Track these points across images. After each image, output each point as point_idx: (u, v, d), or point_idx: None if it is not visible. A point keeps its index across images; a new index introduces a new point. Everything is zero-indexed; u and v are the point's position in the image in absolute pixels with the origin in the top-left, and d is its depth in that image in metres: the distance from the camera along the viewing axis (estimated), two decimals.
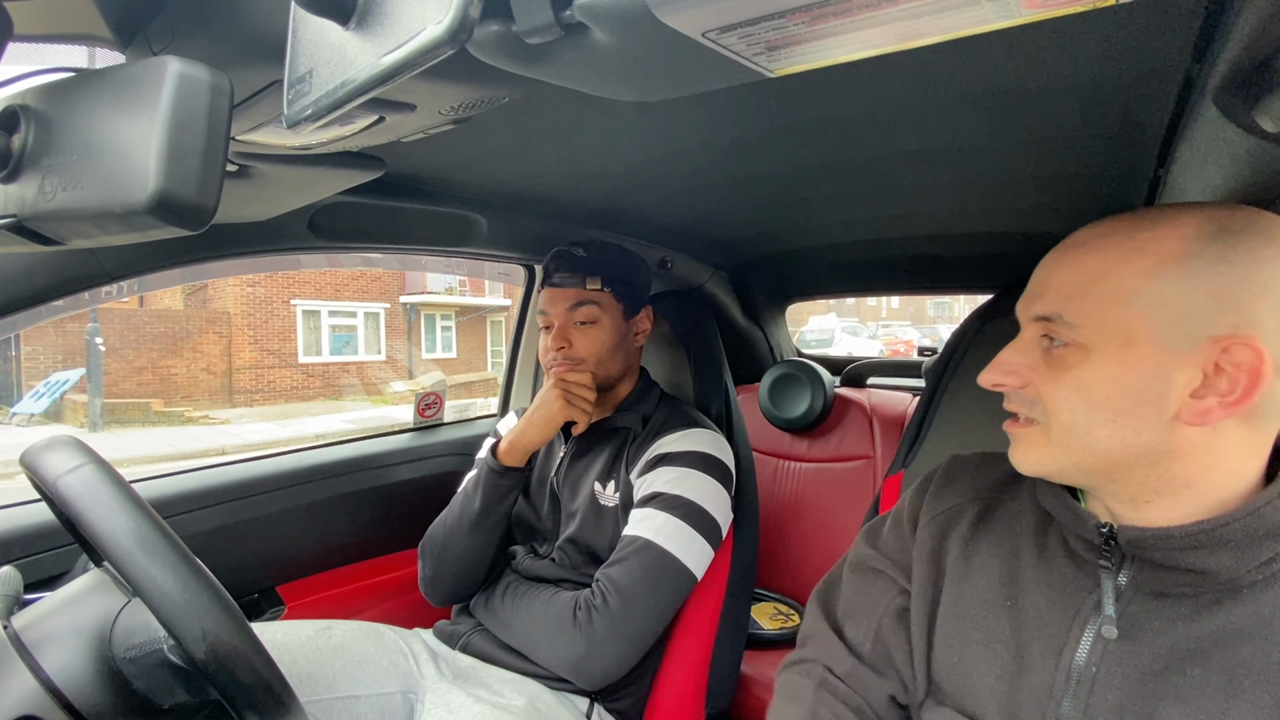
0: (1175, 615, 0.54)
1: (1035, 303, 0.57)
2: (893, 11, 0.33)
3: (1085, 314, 0.52)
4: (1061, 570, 0.60)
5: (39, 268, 0.83)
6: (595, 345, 1.12)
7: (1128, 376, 0.51)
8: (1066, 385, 0.54)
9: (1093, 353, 0.52)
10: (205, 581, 0.55)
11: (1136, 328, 0.50)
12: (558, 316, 1.12)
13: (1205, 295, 0.49)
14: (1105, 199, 1.07)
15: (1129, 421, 0.52)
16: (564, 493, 1.14)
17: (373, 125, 0.56)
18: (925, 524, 0.71)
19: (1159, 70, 0.62)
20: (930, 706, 0.66)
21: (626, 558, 0.99)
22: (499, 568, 1.15)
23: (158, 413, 10.09)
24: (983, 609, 0.63)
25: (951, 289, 1.90)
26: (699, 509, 1.02)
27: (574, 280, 1.10)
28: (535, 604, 1.04)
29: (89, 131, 0.39)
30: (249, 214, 0.92)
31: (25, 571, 0.71)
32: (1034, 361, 0.57)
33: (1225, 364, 0.49)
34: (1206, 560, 0.52)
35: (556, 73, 0.43)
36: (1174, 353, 0.50)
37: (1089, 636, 0.56)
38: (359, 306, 12.97)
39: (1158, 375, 0.50)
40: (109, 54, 0.56)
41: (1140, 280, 0.50)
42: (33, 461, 0.61)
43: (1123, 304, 0.51)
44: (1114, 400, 0.52)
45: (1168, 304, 0.50)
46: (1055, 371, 0.55)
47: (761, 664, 1.44)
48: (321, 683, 0.96)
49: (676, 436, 1.08)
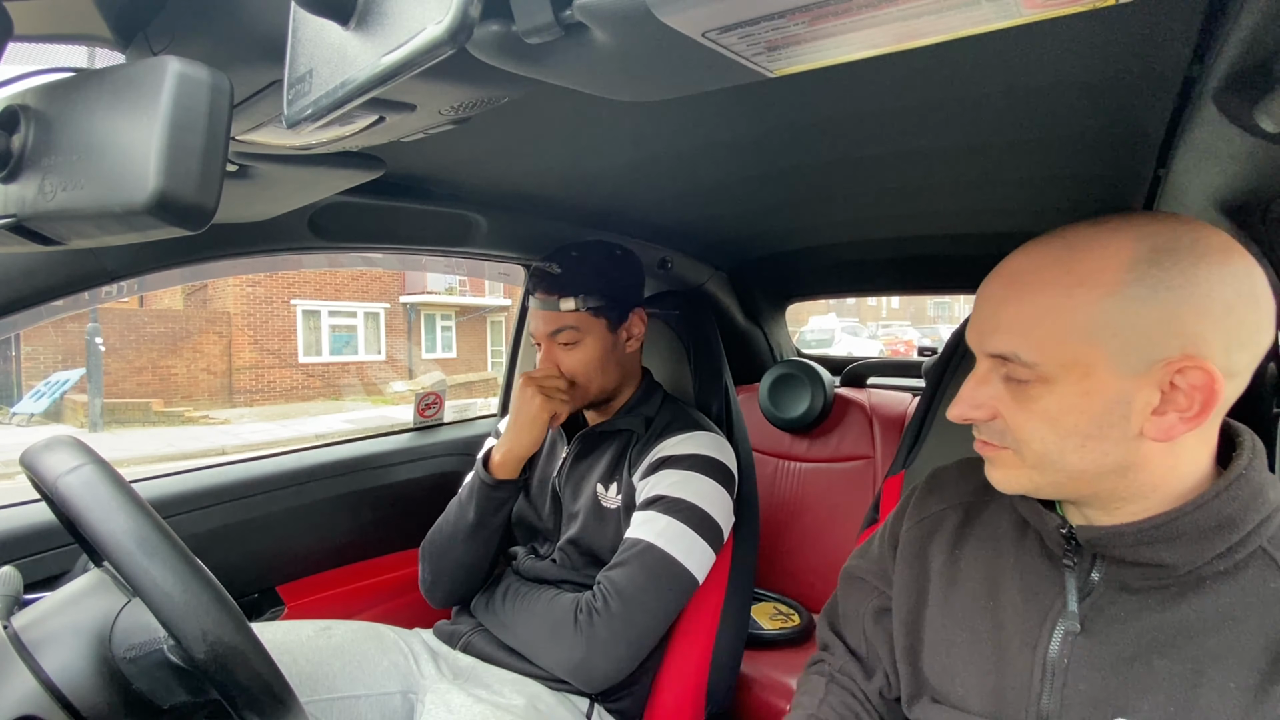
0: (1141, 607, 0.56)
1: (987, 340, 0.57)
2: (893, 11, 0.33)
3: (1041, 351, 0.53)
4: (1037, 569, 0.63)
5: (39, 268, 0.83)
6: (581, 364, 1.11)
7: (1091, 404, 0.53)
8: (1034, 416, 0.55)
9: (1054, 385, 0.54)
10: (205, 581, 0.55)
11: (1092, 359, 0.52)
12: (541, 337, 1.11)
13: (1151, 322, 0.50)
14: (1105, 199, 1.07)
15: (1097, 445, 0.53)
16: (566, 494, 1.14)
17: (373, 125, 0.56)
18: (907, 530, 0.74)
19: (1159, 70, 0.62)
20: (924, 704, 0.68)
21: (628, 561, 0.98)
22: (499, 569, 1.15)
23: (157, 413, 10.10)
24: (968, 611, 0.66)
25: (951, 289, 1.90)
26: (701, 512, 1.01)
27: (550, 302, 1.08)
28: (536, 606, 1.04)
29: (89, 131, 0.39)
30: (249, 214, 0.92)
31: (25, 571, 0.71)
32: (998, 393, 0.58)
33: (1180, 383, 0.51)
34: (1163, 554, 0.54)
35: (556, 73, 0.43)
36: (1130, 377, 0.51)
37: (1060, 631, 0.59)
38: (359, 306, 12.97)
39: (1119, 400, 0.52)
40: (109, 54, 0.56)
41: (1088, 313, 0.51)
42: (33, 461, 0.61)
43: (1076, 338, 0.52)
44: (1081, 426, 0.53)
45: (1118, 334, 0.51)
46: (1021, 403, 0.56)
47: (761, 664, 1.44)
48: (321, 683, 0.96)
49: (679, 439, 1.08)
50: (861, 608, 0.79)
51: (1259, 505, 0.53)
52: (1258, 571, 0.53)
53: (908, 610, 0.71)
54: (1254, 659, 0.50)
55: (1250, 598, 0.52)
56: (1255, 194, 0.69)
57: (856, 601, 0.80)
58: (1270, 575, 0.52)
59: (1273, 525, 0.53)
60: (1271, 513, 0.53)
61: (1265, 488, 0.54)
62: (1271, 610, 0.51)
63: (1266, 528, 0.53)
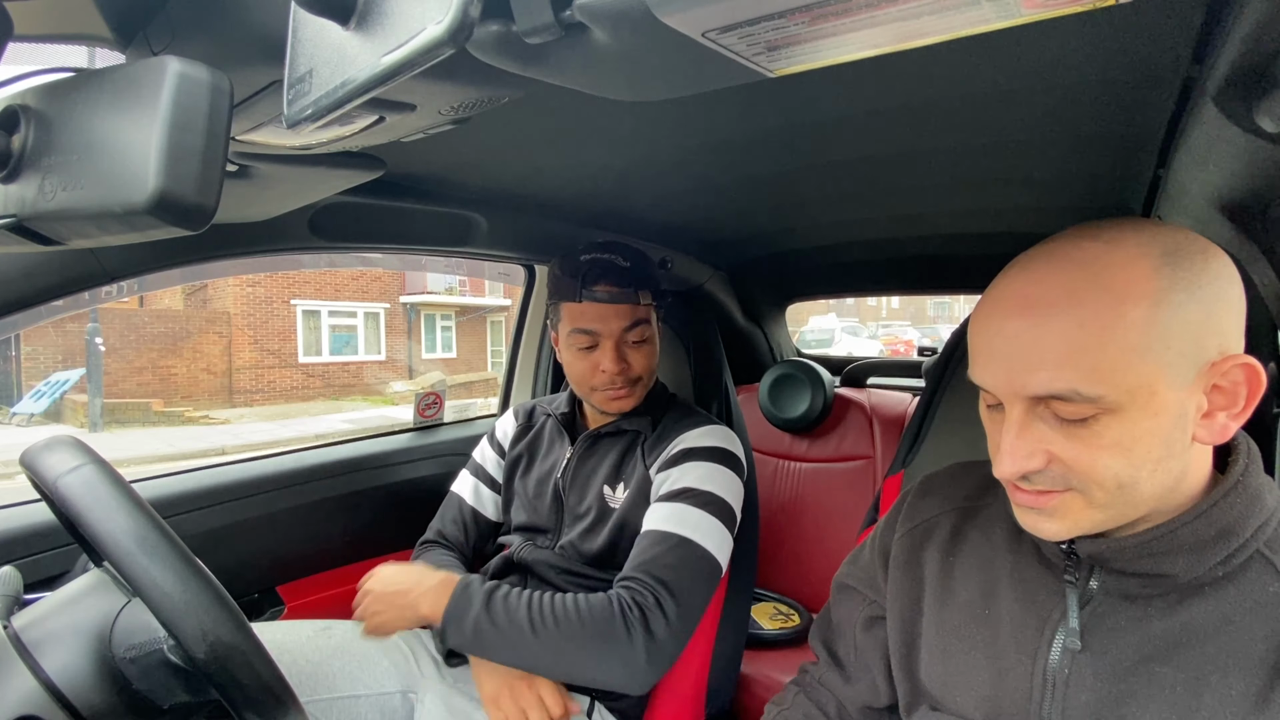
0: (1141, 615, 0.55)
1: (1028, 382, 0.51)
2: (893, 11, 0.33)
3: (1104, 380, 0.49)
4: (1035, 577, 0.62)
5: (39, 268, 0.83)
6: (651, 362, 1.08)
7: (1161, 425, 0.50)
8: (1104, 451, 0.51)
9: (1122, 413, 0.49)
10: (205, 581, 0.55)
11: (1154, 376, 0.49)
12: (610, 335, 1.04)
13: (1195, 325, 0.49)
14: (1105, 199, 1.07)
15: (1167, 464, 0.51)
16: (570, 495, 1.13)
17: (373, 125, 0.56)
18: (899, 538, 0.73)
19: (1159, 71, 0.62)
20: (922, 712, 0.68)
21: (669, 555, 0.94)
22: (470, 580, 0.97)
23: (157, 413, 10.10)
24: (965, 619, 0.65)
25: (951, 289, 1.90)
26: (726, 504, 1.02)
27: (626, 295, 1.03)
28: (566, 614, 0.90)
29: (89, 131, 0.39)
30: (249, 214, 0.92)
31: (25, 571, 0.71)
32: (1048, 436, 0.52)
33: (1222, 382, 0.50)
34: (1164, 565, 0.53)
35: (556, 73, 0.43)
36: (1187, 388, 0.50)
37: (1059, 641, 0.58)
38: (359, 306, 12.97)
39: (1181, 413, 0.50)
40: (109, 54, 0.56)
41: (1142, 329, 0.49)
42: (33, 461, 0.61)
43: (1136, 358, 0.49)
44: (1154, 450, 0.51)
45: (1171, 345, 0.49)
46: (1083, 442, 0.51)
47: (761, 664, 1.44)
48: (321, 683, 0.96)
49: (699, 432, 1.07)
50: (853, 617, 0.79)
51: (1257, 511, 0.53)
52: (1256, 575, 0.52)
53: (902, 618, 0.70)
54: (1256, 664, 0.50)
55: (1249, 602, 0.52)
56: (1255, 194, 0.69)
57: (848, 611, 0.80)
58: (1269, 579, 0.52)
59: (1269, 529, 0.53)
60: (1268, 517, 0.53)
61: (1262, 492, 0.54)
62: (1271, 614, 0.51)
63: (1263, 532, 0.53)
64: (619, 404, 1.09)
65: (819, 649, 0.82)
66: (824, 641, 0.82)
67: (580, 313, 1.05)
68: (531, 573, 1.12)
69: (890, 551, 0.74)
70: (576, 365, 1.08)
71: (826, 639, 0.82)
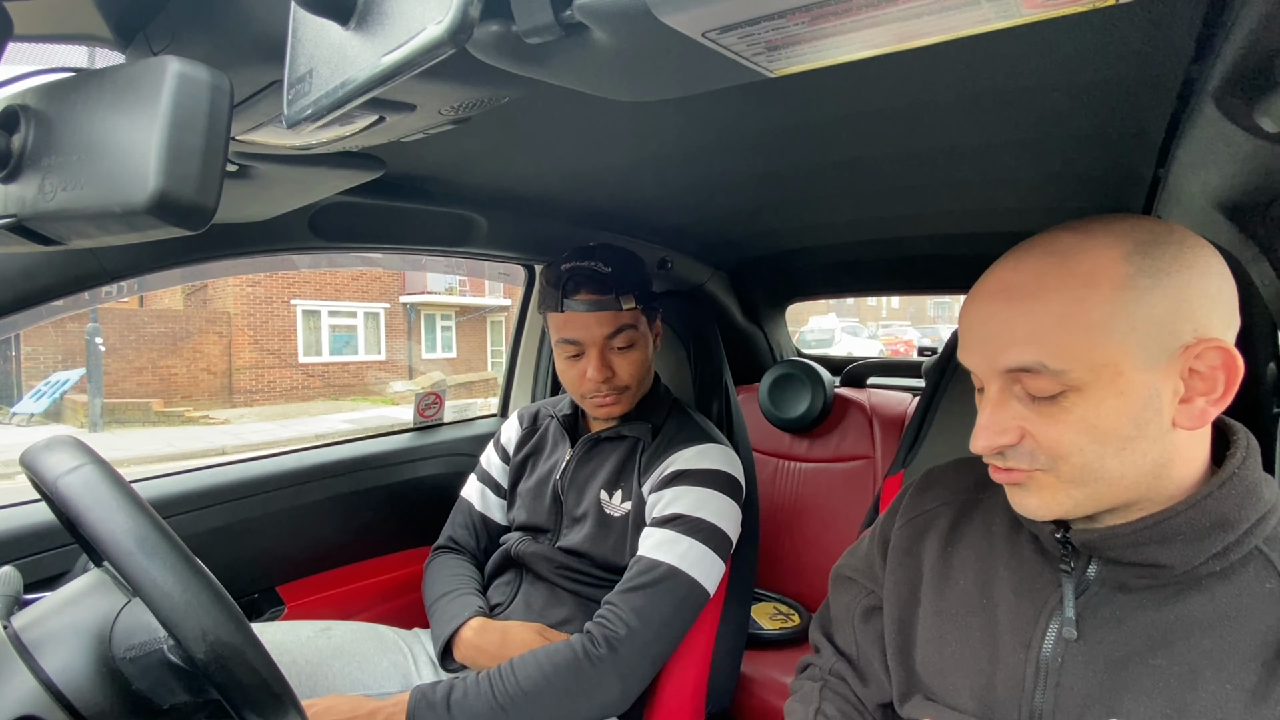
0: (1137, 607, 0.56)
1: (1001, 356, 0.55)
2: (893, 11, 0.33)
3: (1069, 356, 0.52)
4: (1032, 567, 0.63)
5: (39, 268, 0.83)
6: (638, 368, 1.07)
7: (1128, 404, 0.52)
8: (1070, 427, 0.53)
9: (1087, 390, 0.52)
10: (205, 581, 0.55)
11: (1119, 356, 0.51)
12: (594, 343, 1.03)
13: (1163, 310, 0.51)
14: (1104, 199, 1.07)
15: (1137, 445, 0.53)
16: (569, 496, 1.14)
17: (373, 125, 0.56)
18: (899, 529, 0.74)
19: (1159, 70, 0.62)
20: (916, 701, 0.68)
21: (653, 586, 0.95)
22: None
23: (158, 413, 10.10)
24: (961, 609, 0.66)
25: (952, 289, 1.90)
26: (721, 533, 1.01)
27: (606, 302, 1.01)
28: (530, 680, 0.88)
29: (89, 131, 0.39)
30: (249, 214, 0.92)
31: (25, 571, 0.71)
32: (1021, 413, 0.55)
33: (1199, 367, 0.51)
34: (1159, 554, 0.54)
35: (556, 73, 0.43)
36: (1155, 369, 0.51)
37: (1054, 630, 0.59)
38: (359, 306, 12.97)
39: (1152, 394, 0.52)
40: (109, 54, 0.56)
41: (1104, 311, 0.51)
42: (33, 461, 0.61)
43: (1100, 337, 0.51)
44: (1121, 429, 0.52)
45: (1136, 327, 0.51)
46: (1051, 418, 0.54)
47: (761, 664, 1.44)
48: (321, 683, 0.96)
49: (694, 452, 1.06)
50: (851, 607, 0.79)
51: (1254, 504, 0.53)
52: (1255, 572, 0.53)
53: (899, 608, 0.71)
54: (1251, 660, 0.50)
55: (1247, 598, 0.52)
56: (1255, 194, 0.69)
57: (846, 602, 0.80)
58: (1267, 576, 0.52)
59: (1268, 525, 0.53)
60: (1267, 512, 0.53)
61: (1259, 485, 0.54)
62: (1269, 611, 0.51)
63: (1262, 527, 0.53)
64: (607, 410, 1.09)
65: (820, 639, 0.82)
66: (826, 632, 0.82)
67: (564, 322, 1.05)
68: (528, 568, 1.12)
69: (890, 541, 0.74)
70: (567, 373, 1.09)
71: (828, 631, 0.82)
